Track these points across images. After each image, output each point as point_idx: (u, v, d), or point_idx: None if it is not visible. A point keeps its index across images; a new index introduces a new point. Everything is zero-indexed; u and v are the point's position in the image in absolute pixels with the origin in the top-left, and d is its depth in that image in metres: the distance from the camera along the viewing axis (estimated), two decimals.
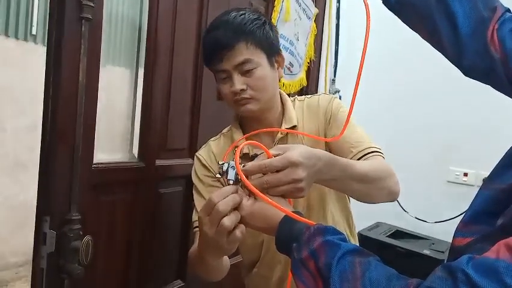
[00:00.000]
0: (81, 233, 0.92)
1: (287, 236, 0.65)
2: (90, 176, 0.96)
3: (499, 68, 0.66)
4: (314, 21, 1.82)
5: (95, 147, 0.98)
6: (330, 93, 2.11)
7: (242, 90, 0.92)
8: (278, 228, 0.67)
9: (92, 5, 0.90)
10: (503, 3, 0.71)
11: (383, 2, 0.78)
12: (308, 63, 1.85)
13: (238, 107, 0.95)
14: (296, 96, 1.07)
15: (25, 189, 3.25)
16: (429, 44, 0.79)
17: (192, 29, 1.23)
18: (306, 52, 1.80)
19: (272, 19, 1.53)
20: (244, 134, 1.03)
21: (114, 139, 1.17)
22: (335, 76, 2.09)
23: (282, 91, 1.05)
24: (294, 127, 1.00)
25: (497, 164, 0.54)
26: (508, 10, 0.70)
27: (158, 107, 1.15)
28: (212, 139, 1.07)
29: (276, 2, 1.54)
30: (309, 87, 1.91)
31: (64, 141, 0.90)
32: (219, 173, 0.72)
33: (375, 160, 0.91)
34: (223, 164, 0.72)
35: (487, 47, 0.67)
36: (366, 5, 0.78)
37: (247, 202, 0.70)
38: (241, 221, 0.70)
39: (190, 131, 1.28)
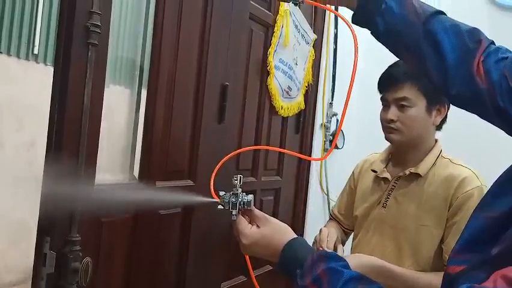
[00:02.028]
0: (81, 254, 0.93)
1: (291, 261, 0.67)
2: (92, 196, 0.97)
3: (485, 98, 0.69)
4: (312, 46, 1.87)
5: (97, 168, 1.00)
6: (327, 115, 2.14)
7: (391, 120, 1.07)
8: (281, 253, 0.69)
9: (99, 31, 0.93)
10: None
11: (371, 33, 0.81)
12: (306, 86, 1.88)
13: (385, 133, 1.11)
14: (451, 157, 1.14)
15: (22, 205, 3.22)
16: None
17: (194, 54, 1.27)
18: (304, 76, 1.84)
19: (272, 44, 1.57)
20: (388, 161, 1.20)
21: (115, 160, 1.18)
22: (332, 99, 2.12)
23: (439, 142, 1.15)
24: (418, 175, 1.09)
25: (486, 193, 0.56)
26: (493, 42, 0.74)
27: (160, 128, 1.17)
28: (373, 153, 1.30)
29: (275, 28, 1.58)
30: (307, 110, 1.94)
31: (67, 162, 0.91)
32: (221, 204, 0.74)
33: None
34: (225, 194, 0.74)
35: (473, 78, 0.70)
36: (354, 36, 0.83)
37: (250, 230, 0.71)
38: (244, 249, 0.71)
39: (190, 153, 1.30)
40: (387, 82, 1.08)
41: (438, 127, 1.14)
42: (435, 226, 1.05)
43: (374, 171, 1.20)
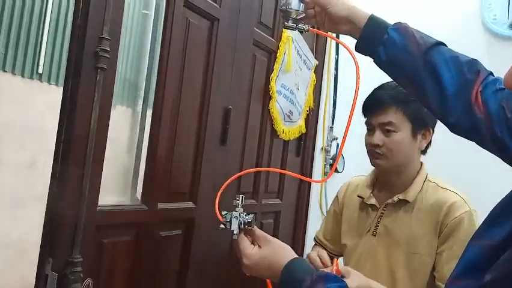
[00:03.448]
0: (82, 275, 0.93)
1: (291, 282, 0.68)
2: (94, 218, 0.98)
3: (483, 127, 0.71)
4: (314, 72, 1.90)
5: (100, 189, 1.01)
6: (327, 139, 2.16)
7: (377, 145, 1.06)
8: (282, 274, 0.70)
9: (108, 56, 0.96)
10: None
11: (374, 62, 0.84)
12: (307, 111, 1.91)
13: (370, 158, 1.10)
14: (437, 181, 1.13)
15: (20, 225, 3.21)
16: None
17: (198, 77, 1.30)
18: (305, 101, 1.87)
19: (274, 69, 1.61)
20: (373, 185, 1.17)
21: (118, 181, 1.19)
22: (332, 124, 2.15)
23: (424, 166, 1.14)
24: (407, 201, 1.07)
25: (484, 221, 0.57)
26: (491, 73, 0.76)
27: (163, 149, 1.18)
28: (355, 176, 1.28)
29: (278, 54, 1.62)
30: (308, 134, 1.96)
31: (72, 184, 0.93)
32: (223, 224, 0.75)
33: None
34: (226, 214, 0.75)
35: (471, 107, 0.72)
36: (356, 64, 0.86)
37: (251, 251, 0.72)
38: (245, 269, 0.72)
39: (192, 175, 1.31)
40: (373, 106, 1.07)
41: (423, 151, 1.14)
42: (428, 254, 1.04)
43: (360, 197, 1.18)
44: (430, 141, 1.13)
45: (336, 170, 2.12)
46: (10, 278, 3.08)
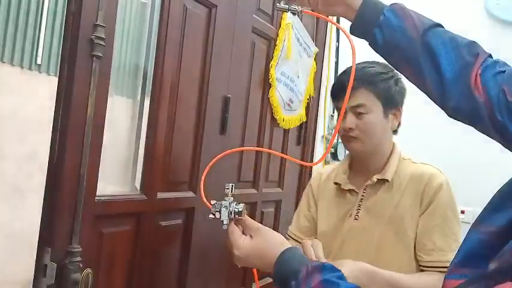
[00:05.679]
0: (81, 265, 0.93)
1: (285, 272, 0.66)
2: (93, 208, 0.97)
3: (483, 111, 0.69)
4: (314, 59, 1.88)
5: (98, 178, 1.00)
6: (328, 128, 2.14)
7: (350, 128, 1.04)
8: (276, 264, 0.68)
9: (104, 44, 0.94)
10: None
11: (369, 45, 0.82)
12: (308, 99, 1.89)
13: (345, 143, 1.08)
14: (411, 158, 1.13)
15: (21, 217, 3.21)
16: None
17: (197, 65, 1.28)
18: (306, 89, 1.85)
19: (274, 57, 1.59)
20: (349, 170, 1.15)
21: (117, 171, 1.18)
22: (333, 112, 2.13)
23: (396, 145, 1.13)
24: (385, 181, 1.06)
25: (485, 207, 0.55)
26: (490, 56, 0.74)
27: (162, 139, 1.17)
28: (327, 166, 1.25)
29: (278, 41, 1.59)
30: (308, 123, 1.95)
31: (69, 174, 0.92)
32: (212, 213, 0.73)
33: (430, 278, 0.96)
34: (215, 203, 0.73)
35: (471, 91, 0.70)
36: (353, 46, 0.84)
37: (242, 242, 0.71)
38: (237, 260, 0.71)
39: (192, 164, 1.30)
40: (341, 90, 1.03)
41: (395, 131, 1.13)
42: (412, 230, 1.03)
43: (337, 183, 1.15)
44: (400, 121, 1.13)
45: (337, 159, 2.11)
46: (13, 269, 3.10)
